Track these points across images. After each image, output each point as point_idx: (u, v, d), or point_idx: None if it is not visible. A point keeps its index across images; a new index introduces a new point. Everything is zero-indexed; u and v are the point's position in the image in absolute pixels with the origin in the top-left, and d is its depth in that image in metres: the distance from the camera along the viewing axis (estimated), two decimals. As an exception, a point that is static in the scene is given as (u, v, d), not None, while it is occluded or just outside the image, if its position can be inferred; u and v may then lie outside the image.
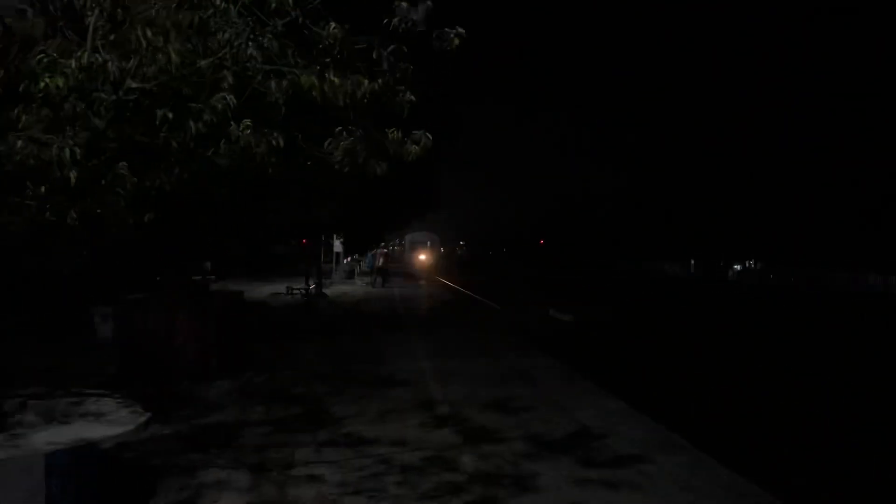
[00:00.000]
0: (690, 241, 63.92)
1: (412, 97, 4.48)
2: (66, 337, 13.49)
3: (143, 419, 5.07)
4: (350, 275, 37.36)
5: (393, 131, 4.67)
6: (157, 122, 4.29)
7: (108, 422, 4.95)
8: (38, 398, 5.68)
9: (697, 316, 24.79)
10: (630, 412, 8.20)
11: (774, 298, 35.28)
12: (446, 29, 4.27)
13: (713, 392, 10.96)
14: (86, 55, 3.91)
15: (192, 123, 4.37)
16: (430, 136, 4.67)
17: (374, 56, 4.25)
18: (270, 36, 4.03)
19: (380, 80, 4.32)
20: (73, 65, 3.93)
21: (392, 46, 4.27)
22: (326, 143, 4.85)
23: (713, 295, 33.60)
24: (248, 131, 4.67)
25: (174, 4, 3.98)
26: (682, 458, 6.38)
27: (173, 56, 3.96)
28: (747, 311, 27.65)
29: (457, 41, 4.23)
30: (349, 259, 39.22)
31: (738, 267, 54.70)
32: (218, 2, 4.07)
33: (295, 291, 21.48)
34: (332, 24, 4.10)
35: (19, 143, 4.02)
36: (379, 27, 4.21)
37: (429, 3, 4.17)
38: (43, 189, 4.82)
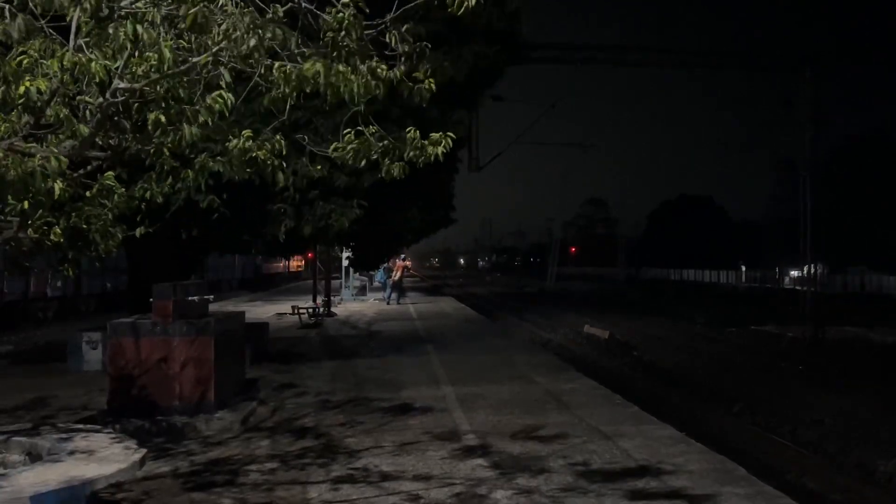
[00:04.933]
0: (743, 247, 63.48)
1: (432, 86, 4.42)
2: (52, 366, 13.58)
3: (137, 456, 5.05)
4: (361, 291, 37.42)
5: (410, 130, 4.63)
6: (150, 127, 4.29)
7: (100, 459, 4.94)
8: (23, 434, 5.70)
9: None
10: (681, 439, 8.08)
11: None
12: None
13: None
14: (69, 55, 3.93)
15: (186, 127, 4.37)
16: (453, 137, 4.62)
17: (388, 39, 4.21)
18: (272, 26, 4.01)
19: (400, 69, 4.27)
20: (56, 66, 3.95)
21: (407, 25, 4.22)
22: (332, 148, 4.83)
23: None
24: (249, 142, 4.68)
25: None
26: (741, 491, 6.25)
27: (165, 53, 3.97)
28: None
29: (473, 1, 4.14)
30: (359, 274, 39.28)
31: (795, 273, 54.09)
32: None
33: (302, 311, 21.52)
34: (339, 9, 4.06)
35: (-1, 153, 4.04)
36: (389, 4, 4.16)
37: None
38: (25, 204, 4.85)
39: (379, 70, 4.21)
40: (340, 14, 4.02)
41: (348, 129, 4.74)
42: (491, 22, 12.00)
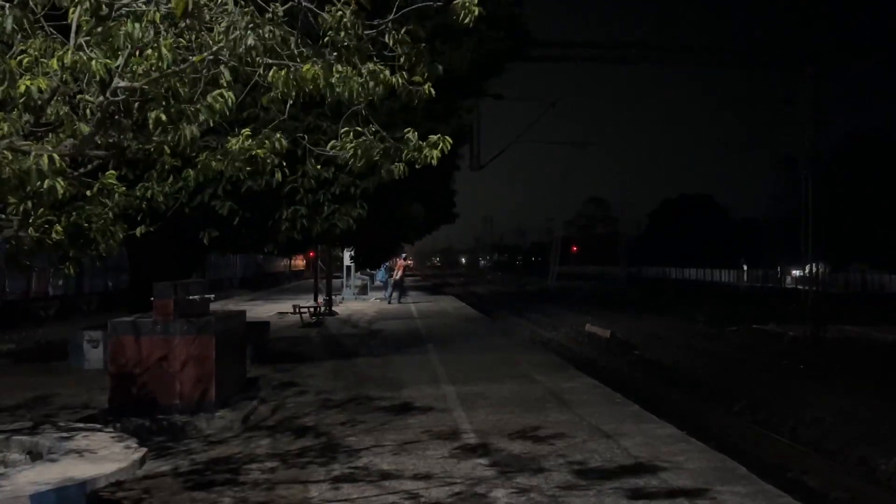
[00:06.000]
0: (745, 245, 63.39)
1: (431, 90, 4.43)
2: (53, 364, 13.59)
3: (138, 455, 5.05)
4: (362, 290, 37.41)
5: (409, 131, 4.63)
6: (150, 126, 4.29)
7: (100, 459, 4.94)
8: (24, 433, 5.70)
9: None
10: (681, 438, 8.08)
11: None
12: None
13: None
14: (69, 54, 3.93)
15: (186, 126, 4.37)
16: (451, 140, 4.61)
17: (388, 40, 4.21)
18: (270, 25, 4.01)
19: (403, 75, 4.27)
20: (56, 65, 3.95)
21: (406, 27, 4.22)
22: (329, 146, 4.83)
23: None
24: (249, 141, 4.69)
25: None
26: (741, 489, 6.25)
27: (165, 52, 3.96)
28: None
29: (476, 11, 4.15)
30: (360, 273, 39.29)
31: (797, 272, 54.06)
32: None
33: (303, 310, 21.53)
34: (338, 7, 4.06)
35: (-1, 153, 4.04)
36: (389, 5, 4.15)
37: None
38: (29, 203, 4.86)
39: (382, 76, 4.20)
40: (340, 13, 4.02)
41: (346, 129, 4.73)
42: (495, 8, 11.98)
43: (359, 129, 4.71)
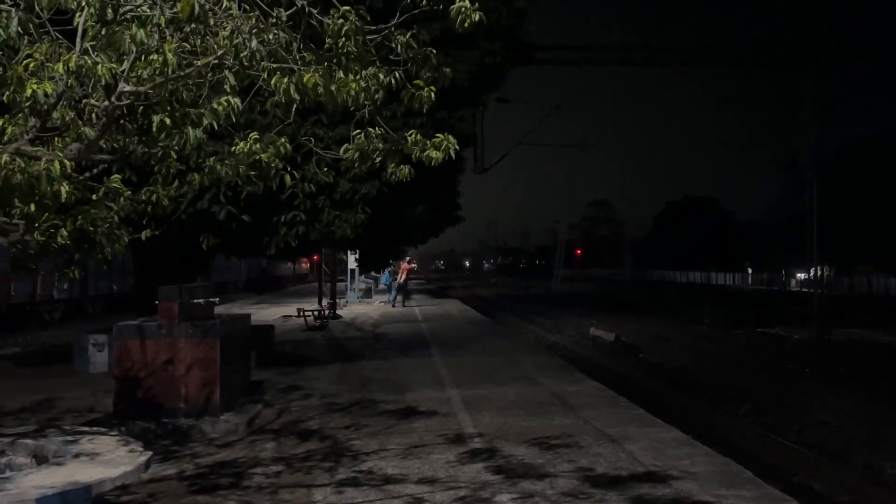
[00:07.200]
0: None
1: (432, 94, 4.42)
2: (58, 367, 13.61)
3: (142, 459, 5.06)
4: (366, 293, 37.41)
5: (412, 133, 4.63)
6: (154, 130, 4.30)
7: (105, 462, 4.94)
8: (29, 436, 5.71)
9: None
10: (686, 441, 8.05)
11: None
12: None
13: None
14: (75, 58, 3.94)
15: (191, 130, 4.37)
16: (455, 141, 4.61)
17: (393, 44, 4.22)
18: (275, 30, 4.02)
19: (397, 73, 4.27)
20: (62, 69, 3.96)
21: (411, 31, 4.22)
22: (343, 150, 4.84)
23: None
24: (256, 145, 4.69)
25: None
26: (747, 493, 6.22)
27: (169, 56, 3.97)
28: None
29: (476, 17, 4.15)
30: (364, 276, 39.30)
31: (802, 276, 53.91)
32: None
33: (307, 313, 21.54)
34: (341, 11, 4.06)
35: (5, 157, 4.05)
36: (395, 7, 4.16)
37: None
38: (32, 207, 4.86)
39: (380, 75, 4.20)
40: (340, 21, 4.02)
41: (358, 131, 4.73)
42: (499, 19, 12.01)
43: (369, 129, 4.71)
